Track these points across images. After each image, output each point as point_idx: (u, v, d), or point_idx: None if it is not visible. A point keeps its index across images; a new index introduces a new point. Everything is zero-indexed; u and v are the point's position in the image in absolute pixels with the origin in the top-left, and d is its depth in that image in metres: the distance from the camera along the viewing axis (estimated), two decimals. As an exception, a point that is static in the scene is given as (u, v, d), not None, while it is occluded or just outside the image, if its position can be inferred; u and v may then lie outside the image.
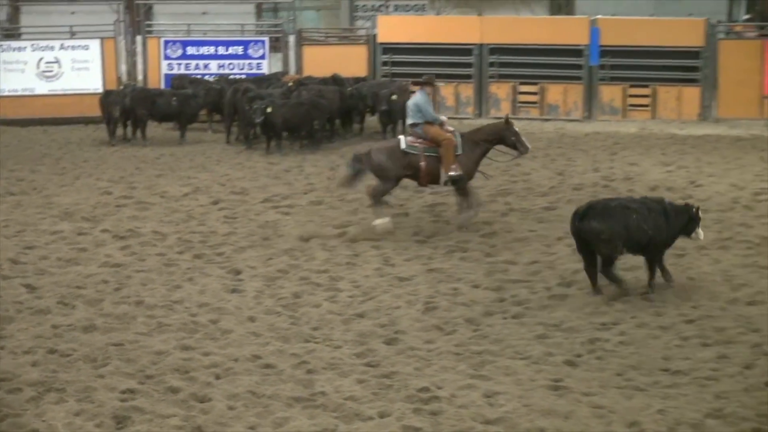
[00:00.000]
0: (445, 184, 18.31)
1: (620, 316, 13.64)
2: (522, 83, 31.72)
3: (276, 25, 37.15)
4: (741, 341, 12.73)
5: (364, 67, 32.39)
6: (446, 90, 32.12)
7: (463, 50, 31.99)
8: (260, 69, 32.79)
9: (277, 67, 33.07)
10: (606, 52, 30.98)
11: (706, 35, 30.72)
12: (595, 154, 25.32)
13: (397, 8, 43.47)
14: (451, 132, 18.24)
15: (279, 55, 33.76)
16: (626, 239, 14.21)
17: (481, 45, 31.91)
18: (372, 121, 28.81)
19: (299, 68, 32.93)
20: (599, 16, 32.34)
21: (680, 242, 16.83)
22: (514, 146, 18.43)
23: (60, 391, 11.06)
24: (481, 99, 32.03)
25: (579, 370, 11.90)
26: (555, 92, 31.50)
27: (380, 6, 43.14)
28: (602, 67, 31.14)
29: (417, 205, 19.93)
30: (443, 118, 18.69)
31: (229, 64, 32.94)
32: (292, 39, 33.83)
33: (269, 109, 25.20)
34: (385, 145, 18.81)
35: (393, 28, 33.23)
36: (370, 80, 30.27)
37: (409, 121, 18.42)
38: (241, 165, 24.28)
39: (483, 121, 30.63)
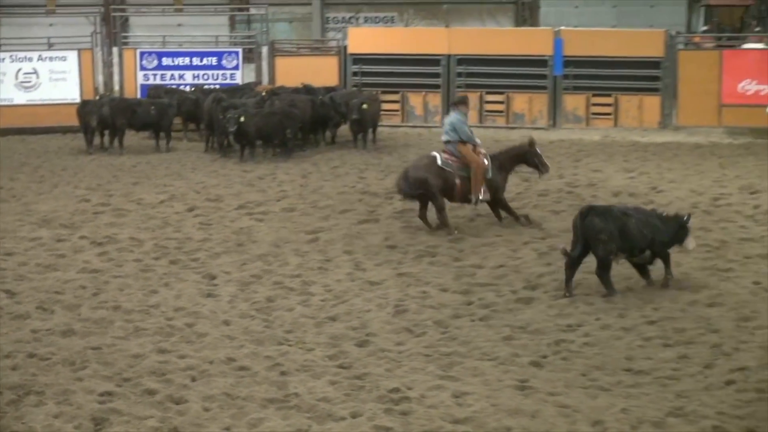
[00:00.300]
0: (475, 204, 18.60)
1: (584, 318, 13.69)
2: (488, 92, 31.76)
3: (249, 37, 37.11)
4: (701, 342, 12.80)
5: (335, 78, 32.38)
6: (415, 99, 32.15)
7: (432, 61, 32.01)
8: (234, 79, 32.73)
9: (251, 78, 33.02)
10: (569, 62, 31.07)
11: (666, 46, 30.85)
12: (559, 161, 25.38)
13: (367, 20, 43.49)
14: (483, 154, 18.45)
15: (252, 66, 33.72)
16: (623, 243, 14.47)
17: (449, 56, 31.94)
18: (343, 129, 28.79)
19: (272, 78, 32.89)
20: (563, 28, 32.43)
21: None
22: (536, 167, 18.98)
23: (39, 394, 11.02)
24: (449, 108, 32.06)
25: (544, 371, 11.93)
26: (520, 101, 31.57)
27: (351, 18, 43.15)
28: (566, 76, 31.22)
29: (387, 211, 19.93)
30: (478, 140, 18.86)
31: (204, 74, 32.88)
32: (265, 50, 33.78)
33: (242, 119, 25.16)
34: (422, 162, 18.72)
35: (363, 40, 33.23)
36: (340, 90, 30.21)
37: (443, 138, 18.67)
38: (216, 173, 24.23)
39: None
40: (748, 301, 14.31)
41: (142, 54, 33.14)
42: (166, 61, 33.08)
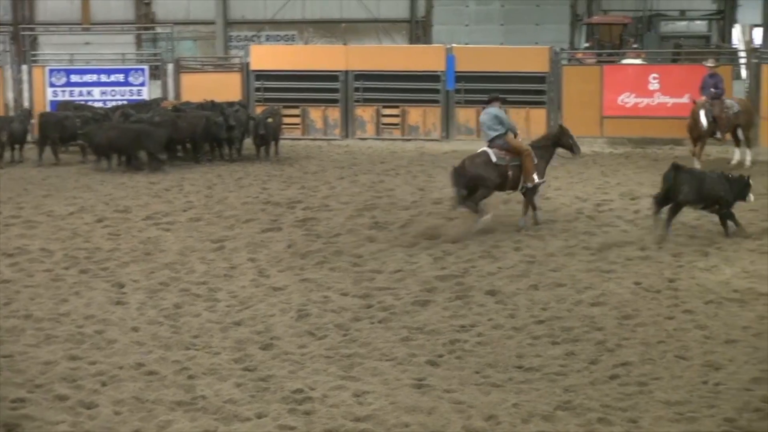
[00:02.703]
0: (522, 190, 18.89)
1: (477, 319, 13.76)
2: (385, 106, 31.85)
3: (155, 54, 36.80)
4: (586, 339, 12.94)
5: (238, 93, 32.22)
6: (315, 113, 32.11)
7: (330, 77, 32.01)
8: (141, 95, 32.41)
9: (157, 94, 32.73)
10: (461, 77, 31.26)
11: (551, 62, 31.21)
12: (452, 170, 25.48)
13: (268, 38, 43.42)
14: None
15: (158, 82, 33.43)
16: (699, 195, 17.51)
17: (347, 71, 31.97)
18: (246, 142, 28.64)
19: (177, 94, 32.64)
20: (454, 45, 32.66)
21: (530, 250, 17.13)
22: (570, 148, 19.45)
23: (-48, 402, 10.78)
24: (348, 121, 32.09)
25: (440, 370, 11.97)
26: (415, 114, 31.69)
27: (253, 36, 43.02)
28: (458, 91, 31.42)
29: (289, 220, 19.87)
30: (517, 129, 19.38)
31: (111, 90, 32.51)
32: (170, 67, 33.52)
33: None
34: (478, 159, 18.78)
35: (265, 57, 33.12)
36: (240, 104, 29.99)
37: (491, 134, 18.75)
38: (124, 185, 23.94)
39: (349, 141, 30.81)
40: (630, 301, 14.52)
41: (51, 71, 32.69)
42: (74, 78, 32.67)
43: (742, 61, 34.00)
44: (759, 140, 27.69)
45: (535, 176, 18.69)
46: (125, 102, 31.41)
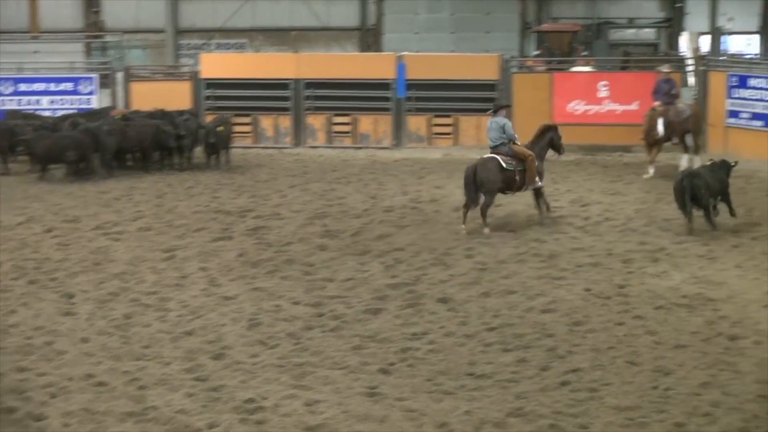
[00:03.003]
0: (525, 190, 19.91)
1: (429, 327, 13.80)
2: (336, 114, 31.79)
3: (105, 63, 36.55)
4: (537, 346, 13.01)
5: (188, 102, 32.05)
6: (266, 121, 32.01)
7: (281, 85, 31.94)
8: (90, 104, 32.17)
9: (107, 102, 32.50)
10: (411, 85, 31.27)
11: (501, 69, 31.30)
12: (404, 178, 25.55)
13: (219, 46, 43.24)
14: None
15: (108, 91, 33.19)
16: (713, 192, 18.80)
17: (298, 80, 31.90)
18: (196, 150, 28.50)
19: (127, 103, 32.43)
20: (405, 53, 32.69)
21: (481, 257, 17.20)
22: (558, 148, 20.58)
23: None
24: (299, 130, 32.03)
25: (392, 378, 11.99)
26: (366, 122, 31.66)
27: (203, 44, 42.86)
28: (408, 99, 31.42)
29: (240, 229, 19.80)
30: (516, 136, 19.95)
31: (60, 99, 32.26)
32: (120, 75, 33.30)
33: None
34: (490, 164, 19.46)
35: (215, 65, 32.97)
36: (190, 113, 29.82)
37: (495, 142, 19.60)
38: (73, 194, 23.72)
39: (300, 150, 30.76)
40: (580, 307, 14.61)
41: (-1, 80, 32.40)
42: (22, 86, 32.36)
43: (690, 68, 34.30)
44: (706, 147, 27.93)
45: (538, 179, 19.74)
46: (74, 111, 31.14)
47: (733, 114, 28.39)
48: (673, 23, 44.10)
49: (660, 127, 24.95)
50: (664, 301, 14.80)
